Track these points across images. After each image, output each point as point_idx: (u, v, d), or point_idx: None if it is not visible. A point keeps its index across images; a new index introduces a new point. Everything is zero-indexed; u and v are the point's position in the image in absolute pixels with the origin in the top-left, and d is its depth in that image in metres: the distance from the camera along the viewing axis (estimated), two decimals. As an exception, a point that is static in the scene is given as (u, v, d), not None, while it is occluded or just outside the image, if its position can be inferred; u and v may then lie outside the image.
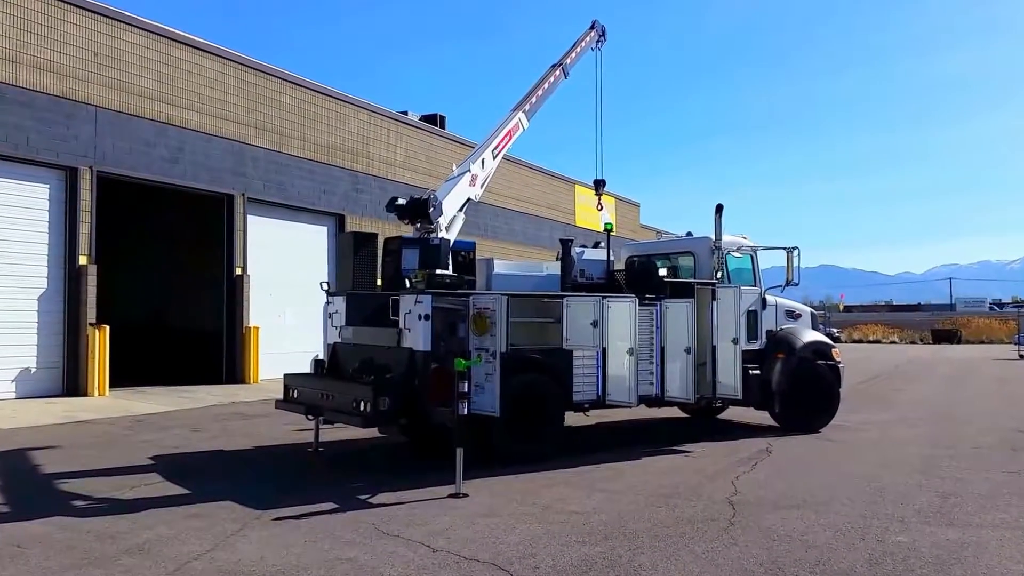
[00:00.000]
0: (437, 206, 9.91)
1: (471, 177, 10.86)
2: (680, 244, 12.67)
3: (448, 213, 10.26)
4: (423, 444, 10.66)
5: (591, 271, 12.02)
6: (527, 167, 35.12)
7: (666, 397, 10.82)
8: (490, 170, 11.36)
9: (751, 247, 12.50)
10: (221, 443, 11.45)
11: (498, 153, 11.50)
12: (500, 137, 11.53)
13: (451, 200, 10.42)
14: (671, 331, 10.71)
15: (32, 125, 16.43)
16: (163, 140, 19.20)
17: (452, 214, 10.43)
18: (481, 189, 11.20)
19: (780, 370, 12.15)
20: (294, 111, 22.91)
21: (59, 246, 17.18)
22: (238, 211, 21.21)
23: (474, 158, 11.10)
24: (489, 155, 11.30)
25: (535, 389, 9.77)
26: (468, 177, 10.81)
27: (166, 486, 8.47)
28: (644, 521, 6.98)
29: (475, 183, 10.97)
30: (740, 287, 11.02)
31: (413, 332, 9.12)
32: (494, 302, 8.96)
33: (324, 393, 9.58)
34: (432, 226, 9.91)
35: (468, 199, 10.98)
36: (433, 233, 9.78)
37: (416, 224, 10.07)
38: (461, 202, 10.77)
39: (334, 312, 10.74)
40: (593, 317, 9.46)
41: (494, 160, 11.41)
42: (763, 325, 12.45)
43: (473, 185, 10.95)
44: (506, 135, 11.63)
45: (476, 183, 11.00)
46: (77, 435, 12.09)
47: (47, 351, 16.97)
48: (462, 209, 10.89)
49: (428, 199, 9.81)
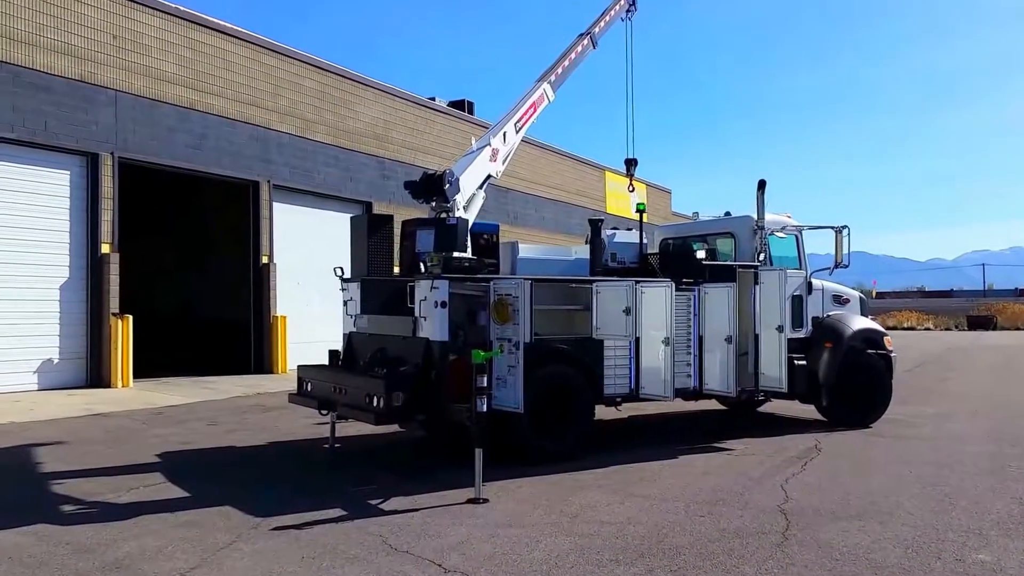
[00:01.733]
0: (453, 182, 9.17)
1: (491, 152, 10.08)
2: (719, 225, 11.79)
3: (466, 190, 9.51)
4: (445, 440, 10.02)
5: (623, 255, 11.25)
6: (556, 153, 34.33)
7: (705, 390, 10.01)
8: (512, 145, 10.57)
9: (796, 227, 11.58)
10: (235, 438, 10.93)
11: (521, 126, 10.71)
12: (524, 109, 10.73)
13: (469, 176, 9.65)
14: (710, 318, 9.89)
15: (51, 110, 16.07)
16: (186, 125, 18.78)
17: (471, 192, 9.69)
18: (503, 165, 10.43)
19: (828, 360, 11.26)
20: (318, 96, 22.38)
21: (81, 234, 16.86)
22: (263, 198, 20.78)
23: (495, 131, 10.31)
24: (511, 128, 10.50)
25: (562, 382, 9.05)
26: (488, 152, 10.04)
27: (165, 488, 7.93)
28: (685, 534, 6.22)
29: (496, 158, 10.19)
30: (785, 270, 10.16)
31: (429, 321, 8.45)
32: (517, 288, 8.24)
33: (337, 387, 8.97)
34: (448, 205, 9.18)
35: (489, 176, 10.21)
36: (450, 213, 9.05)
37: (431, 203, 9.35)
38: (480, 179, 10.01)
39: (349, 300, 10.13)
40: (625, 304, 8.69)
41: (517, 134, 10.62)
42: (809, 311, 11.56)
43: (494, 160, 10.17)
44: (530, 107, 10.83)
45: (497, 158, 10.22)
46: (90, 429, 11.67)
47: (70, 342, 16.67)
48: (482, 187, 10.14)
49: (443, 174, 9.08)
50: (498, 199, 29.14)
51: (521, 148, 32.69)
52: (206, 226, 23.97)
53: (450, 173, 9.16)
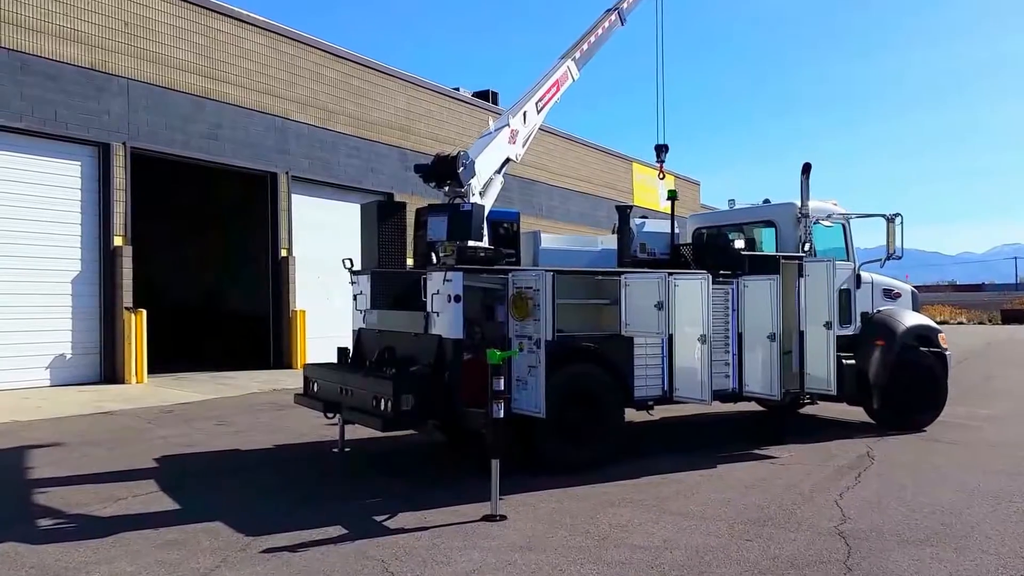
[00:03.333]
0: (468, 165, 8.40)
1: (510, 133, 9.30)
2: (758, 212, 10.89)
3: (483, 174, 8.74)
4: (463, 446, 9.30)
5: (653, 245, 10.43)
6: (583, 144, 33.50)
7: (745, 392, 9.17)
8: (533, 126, 9.77)
9: (843, 215, 10.67)
10: (242, 440, 10.31)
11: (543, 106, 9.89)
12: (546, 88, 9.92)
13: (486, 159, 8.87)
14: (750, 314, 9.05)
15: (60, 99, 15.59)
16: (200, 115, 18.24)
17: (488, 176, 8.92)
18: (523, 148, 9.65)
19: (879, 359, 10.36)
20: (338, 85, 21.76)
21: (93, 226, 16.40)
22: (282, 190, 20.22)
23: (514, 110, 9.52)
24: (532, 107, 9.71)
25: (588, 384, 8.27)
26: (506, 133, 9.25)
27: (156, 499, 7.29)
28: (731, 562, 5.43)
29: (515, 140, 9.40)
30: (833, 261, 9.27)
31: (442, 316, 7.72)
32: (537, 280, 7.48)
33: (343, 388, 8.28)
34: (463, 189, 8.42)
35: (507, 159, 9.43)
36: (464, 198, 8.30)
37: (444, 187, 8.61)
38: (498, 162, 9.23)
39: (358, 293, 9.43)
40: (657, 297, 7.90)
41: (538, 114, 9.81)
42: (857, 306, 10.66)
43: (513, 142, 9.38)
44: (553, 85, 10.02)
45: (516, 140, 9.43)
46: (93, 429, 11.13)
47: (82, 336, 16.23)
48: (501, 171, 9.37)
49: (457, 156, 8.32)
50: (524, 191, 28.40)
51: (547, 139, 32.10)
52: (223, 219, 23.44)
53: (464, 155, 8.41)
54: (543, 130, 29.91)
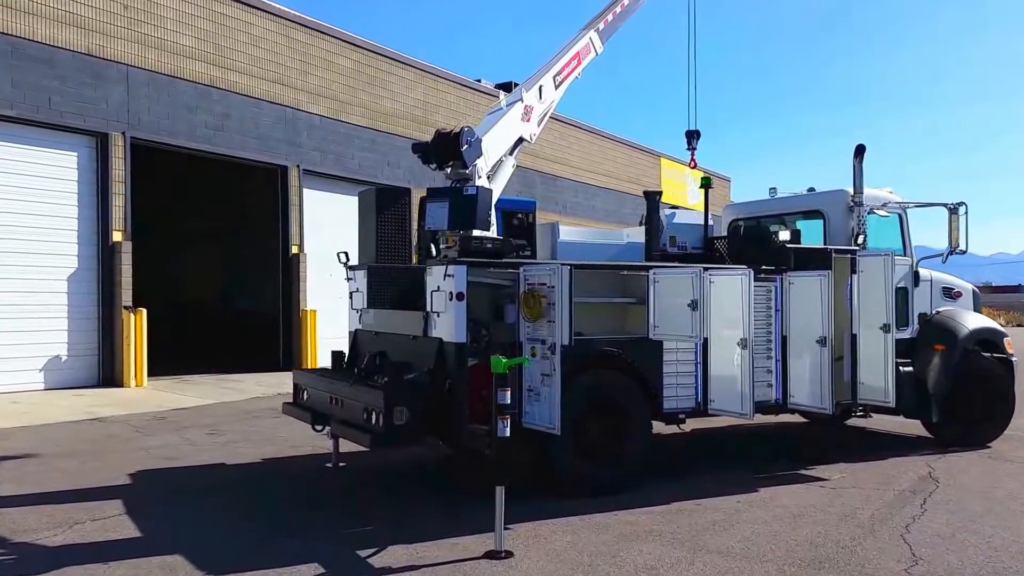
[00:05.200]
0: (473, 143, 7.36)
1: (523, 109, 8.25)
2: (803, 201, 9.75)
3: (491, 155, 7.70)
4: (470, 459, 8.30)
5: (684, 238, 9.40)
6: (608, 138, 32.37)
7: (790, 404, 8.09)
8: (550, 103, 8.71)
9: (899, 204, 9.52)
10: (230, 452, 9.41)
11: (562, 80, 8.83)
12: (566, 60, 8.85)
13: (495, 137, 7.82)
14: (796, 315, 7.96)
15: (54, 85, 14.80)
16: (206, 104, 17.42)
17: (497, 157, 7.89)
18: (538, 127, 8.60)
19: (939, 366, 9.21)
20: (353, 75, 20.87)
21: (90, 220, 15.60)
22: (292, 184, 19.36)
23: (529, 84, 8.46)
24: (550, 82, 8.65)
25: (610, 395, 7.23)
26: (519, 109, 8.21)
27: (116, 524, 6.38)
28: (781, 623, 4.39)
29: (529, 117, 8.35)
30: (891, 254, 8.15)
31: (443, 317, 6.73)
32: (552, 275, 6.47)
33: (333, 397, 7.32)
34: (467, 171, 7.41)
35: (521, 139, 8.39)
36: (468, 181, 7.29)
37: (446, 169, 7.61)
38: (509, 142, 8.19)
39: (355, 291, 8.48)
40: (691, 296, 6.84)
41: (556, 89, 8.75)
42: (915, 307, 9.52)
43: (527, 120, 8.33)
44: (573, 58, 8.96)
45: (531, 117, 8.38)
46: (75, 438, 10.29)
47: (79, 337, 15.43)
48: (513, 153, 8.32)
49: (460, 132, 7.31)
50: (546, 186, 27.40)
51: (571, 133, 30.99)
52: (230, 214, 22.54)
53: (469, 131, 7.37)
54: (566, 123, 29.31)
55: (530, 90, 8.39)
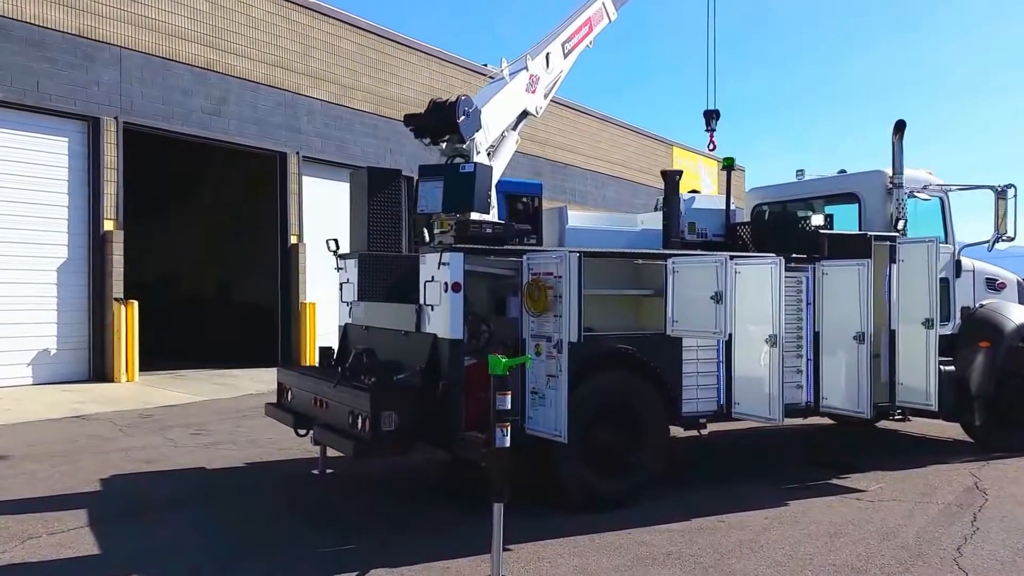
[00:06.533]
0: (472, 114, 6.63)
1: (528, 79, 7.49)
2: (836, 183, 8.92)
3: (491, 128, 6.97)
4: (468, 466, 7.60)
5: (704, 224, 8.65)
6: (619, 126, 31.54)
7: (823, 408, 7.34)
8: (558, 73, 7.96)
9: (940, 187, 8.73)
10: (212, 455, 8.75)
11: (572, 48, 8.07)
12: (576, 26, 8.08)
13: (496, 109, 7.08)
14: (830, 308, 7.22)
15: (43, 68, 14.16)
16: (202, 88, 16.74)
17: (499, 131, 7.15)
18: (544, 100, 7.85)
19: (983, 365, 8.44)
20: (355, 59, 20.15)
21: (81, 209, 14.96)
22: (292, 171, 18.67)
23: (535, 51, 7.70)
24: (558, 49, 7.89)
25: (623, 397, 6.50)
26: (523, 78, 7.45)
27: (75, 539, 5.73)
28: None
29: (535, 88, 7.59)
30: (936, 241, 7.38)
31: (437, 310, 6.02)
32: (560, 263, 5.75)
33: (318, 399, 6.63)
34: (464, 146, 6.68)
35: (525, 112, 7.65)
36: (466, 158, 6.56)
37: (441, 143, 6.89)
38: (513, 115, 7.44)
39: (345, 282, 7.79)
40: (715, 287, 6.11)
41: (565, 58, 7.98)
42: (956, 299, 8.75)
43: (532, 91, 7.57)
44: (584, 24, 8.19)
45: (537, 88, 7.62)
46: (52, 438, 9.67)
47: (69, 330, 14.81)
48: (516, 128, 7.58)
49: (456, 101, 6.59)
50: (555, 175, 26.64)
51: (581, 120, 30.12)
52: (227, 203, 21.78)
53: (466, 101, 6.64)
54: (576, 110, 28.47)
55: (536, 58, 7.63)
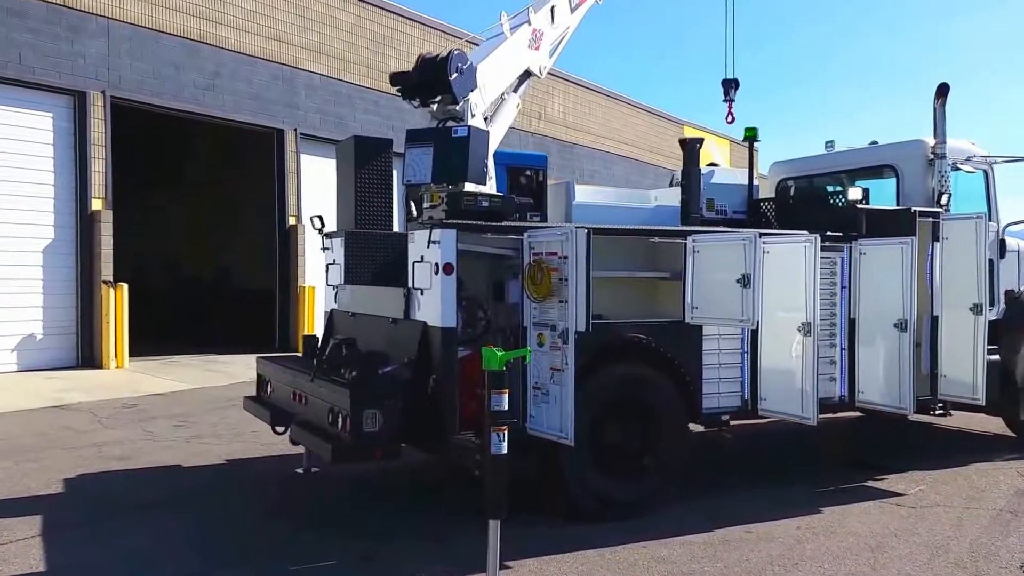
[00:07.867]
0: (466, 70, 5.90)
1: (531, 33, 6.73)
2: (869, 156, 8.14)
3: (489, 89, 6.24)
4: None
5: (723, 201, 7.95)
6: (629, 104, 30.70)
7: (859, 402, 6.64)
8: (565, 30, 7.20)
9: (985, 158, 7.97)
10: (191, 451, 8.12)
11: (579, 3, 7.33)
12: None
13: (494, 66, 6.33)
14: (868, 292, 6.50)
15: (25, 39, 13.49)
16: (194, 62, 16.04)
17: (497, 92, 6.42)
18: (549, 58, 7.11)
19: (1030, 354, 7.72)
20: (355, 32, 19.42)
21: (68, 188, 14.33)
22: (289, 149, 17.98)
23: (538, 4, 6.94)
24: (564, 3, 7.13)
25: (637, 393, 5.81)
26: (525, 33, 6.70)
27: (22, 550, 5.13)
28: None
29: (539, 44, 6.83)
30: (984, 217, 6.65)
31: (428, 295, 5.34)
32: (565, 241, 5.06)
33: (297, 393, 5.97)
34: (457, 107, 5.97)
35: (528, 72, 6.90)
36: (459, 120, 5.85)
37: (430, 105, 6.19)
38: (514, 73, 6.69)
39: (331, 263, 7.12)
40: (742, 269, 5.40)
41: (573, 13, 7.22)
42: (1000, 282, 8.01)
43: (535, 48, 6.81)
44: (593, -24, 7.46)
45: (541, 45, 6.86)
46: (23, 431, 9.09)
47: (56, 314, 14.22)
48: (517, 90, 6.85)
49: (448, 56, 5.87)
50: (563, 155, 25.89)
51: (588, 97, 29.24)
52: (221, 182, 21.10)
53: (460, 56, 5.92)
54: (584, 87, 27.59)
55: (539, 11, 6.87)
